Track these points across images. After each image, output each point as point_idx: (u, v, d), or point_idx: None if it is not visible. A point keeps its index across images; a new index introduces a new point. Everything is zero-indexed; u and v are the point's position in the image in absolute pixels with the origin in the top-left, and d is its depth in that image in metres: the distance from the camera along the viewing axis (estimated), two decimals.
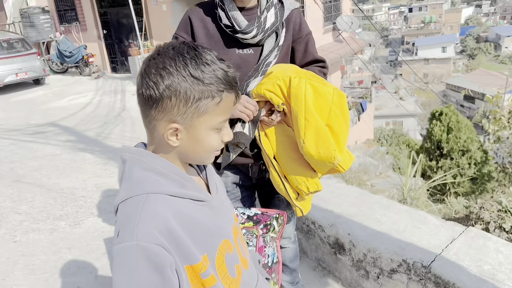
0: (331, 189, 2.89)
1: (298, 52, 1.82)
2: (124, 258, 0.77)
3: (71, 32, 13.68)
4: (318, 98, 1.59)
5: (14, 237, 2.81)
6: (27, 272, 2.42)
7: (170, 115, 0.83)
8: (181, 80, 0.81)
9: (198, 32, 1.70)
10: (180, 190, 0.86)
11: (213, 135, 0.88)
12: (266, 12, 1.69)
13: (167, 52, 0.83)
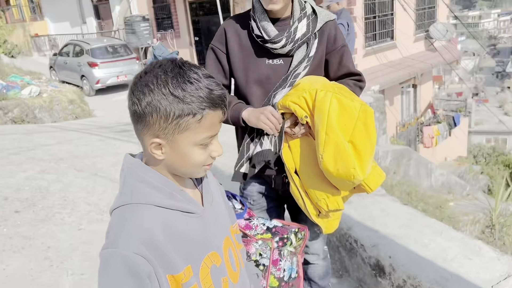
0: (382, 207, 2.74)
1: (333, 65, 1.77)
2: (106, 264, 0.83)
3: (166, 38, 14.68)
4: (343, 113, 1.53)
5: (80, 225, 3.10)
6: (84, 259, 2.65)
7: (153, 130, 0.86)
8: (161, 98, 0.83)
9: (231, 43, 1.73)
10: (169, 201, 0.90)
11: (197, 150, 0.90)
12: (298, 22, 1.67)
13: (152, 70, 0.86)
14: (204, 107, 0.85)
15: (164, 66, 0.86)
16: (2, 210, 3.22)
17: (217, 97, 0.87)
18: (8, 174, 3.99)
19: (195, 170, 0.93)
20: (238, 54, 1.73)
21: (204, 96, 0.85)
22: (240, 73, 1.74)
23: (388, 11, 11.55)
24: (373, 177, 1.72)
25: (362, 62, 10.87)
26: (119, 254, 0.82)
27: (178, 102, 0.83)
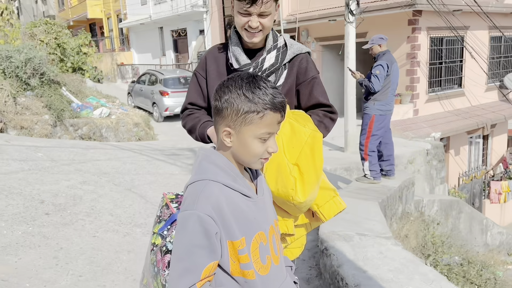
0: (380, 250, 2.64)
1: (303, 95, 1.83)
2: (184, 222, 1.08)
3: None
4: (293, 137, 1.57)
5: (96, 233, 3.33)
6: (87, 263, 2.84)
7: (226, 121, 1.12)
8: (235, 97, 1.09)
9: (210, 69, 1.86)
10: (232, 183, 1.13)
11: (257, 143, 1.12)
12: (267, 54, 1.76)
13: (233, 77, 1.14)
14: (266, 108, 1.09)
15: (242, 75, 1.14)
16: (35, 211, 3.57)
17: (278, 103, 1.11)
18: (53, 182, 4.40)
19: (253, 160, 1.15)
20: (215, 79, 1.84)
21: (268, 100, 1.09)
22: None
23: (457, 57, 11.14)
24: (329, 206, 1.72)
25: (425, 107, 10.51)
26: (195, 215, 1.06)
27: (247, 101, 1.08)
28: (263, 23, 1.68)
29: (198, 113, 1.91)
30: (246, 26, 1.68)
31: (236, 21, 1.72)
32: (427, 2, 8.92)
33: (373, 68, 4.86)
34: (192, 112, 1.92)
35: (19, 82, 8.00)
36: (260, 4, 1.62)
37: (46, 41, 11.19)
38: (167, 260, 1.87)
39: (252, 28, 1.68)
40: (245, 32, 1.71)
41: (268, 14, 1.67)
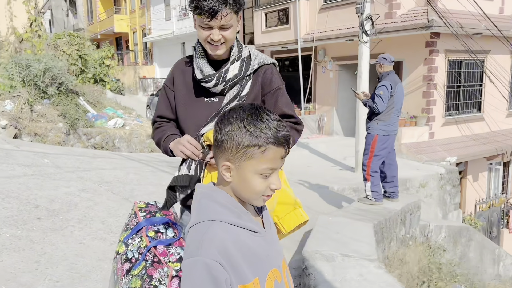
0: (361, 272, 2.55)
1: (268, 106, 1.81)
2: (189, 271, 1.00)
3: None
4: None
5: (83, 240, 3.34)
6: (67, 269, 2.84)
7: (226, 155, 1.06)
8: (236, 129, 1.04)
9: (177, 82, 1.87)
10: (238, 220, 1.06)
11: (258, 179, 1.05)
12: (230, 64, 1.76)
13: (235, 109, 1.09)
14: (268, 142, 1.02)
15: (244, 107, 1.08)
16: (28, 215, 3.61)
17: (282, 137, 1.05)
18: (52, 188, 4.47)
19: (254, 196, 1.08)
20: (181, 91, 1.85)
21: (271, 133, 1.03)
22: (181, 109, 1.85)
23: (477, 81, 10.91)
24: (290, 218, 1.70)
25: (441, 130, 10.29)
26: (201, 261, 0.98)
27: (248, 134, 1.03)
28: (225, 36, 1.69)
29: (165, 126, 1.91)
30: (208, 39, 1.69)
31: (199, 35, 1.72)
32: (445, 25, 8.83)
33: (377, 89, 4.82)
34: (161, 125, 1.93)
35: (37, 90, 8.24)
36: (220, 17, 1.63)
37: (68, 52, 11.55)
38: (125, 269, 1.85)
39: (214, 41, 1.69)
40: (208, 45, 1.71)
41: (229, 27, 1.68)
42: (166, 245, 1.80)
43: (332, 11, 11.71)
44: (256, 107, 1.07)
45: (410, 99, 10.41)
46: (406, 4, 10.15)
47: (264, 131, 1.02)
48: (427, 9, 9.30)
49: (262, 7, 13.59)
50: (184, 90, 1.85)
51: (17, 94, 7.68)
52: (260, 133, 1.02)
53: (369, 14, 7.99)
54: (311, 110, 12.83)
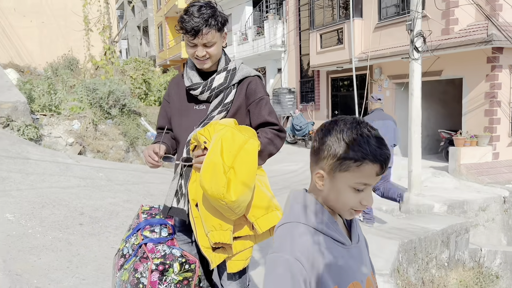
0: None
1: (253, 114, 1.94)
2: (271, 265, 1.04)
3: (307, 110, 15.51)
4: (231, 143, 1.69)
5: (115, 244, 3.60)
6: (94, 269, 3.10)
7: (321, 163, 1.07)
8: (334, 141, 1.04)
9: (171, 92, 2.09)
10: (324, 227, 1.08)
11: (350, 192, 1.06)
12: (217, 75, 1.92)
13: (336, 121, 1.09)
14: (365, 158, 1.02)
15: (346, 119, 1.08)
16: (72, 221, 3.97)
17: (379, 154, 1.03)
18: (100, 198, 4.86)
19: (343, 209, 1.09)
20: (175, 102, 2.06)
21: (369, 149, 1.02)
22: (175, 117, 2.04)
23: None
24: (266, 219, 1.79)
25: (507, 151, 9.59)
26: (283, 258, 1.02)
27: (346, 147, 1.03)
28: (209, 52, 1.88)
29: (159, 137, 2.10)
30: (194, 55, 1.88)
31: (187, 51, 1.94)
32: (506, 39, 8.35)
33: None
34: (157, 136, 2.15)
35: (102, 111, 9.00)
36: (201, 36, 1.82)
37: (134, 77, 12.47)
38: (120, 264, 2.03)
39: (200, 57, 1.87)
40: (195, 60, 1.92)
41: (212, 44, 1.87)
42: (156, 243, 1.96)
43: (387, 29, 11.54)
44: (358, 121, 1.06)
45: (471, 117, 9.86)
46: (464, 20, 9.74)
47: (362, 146, 1.02)
48: (487, 24, 8.86)
49: (317, 28, 13.73)
50: (177, 100, 2.05)
51: (83, 114, 8.44)
52: (358, 148, 1.02)
53: (420, 31, 7.79)
54: None
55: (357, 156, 1.01)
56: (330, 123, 1.08)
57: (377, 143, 1.03)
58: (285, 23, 16.53)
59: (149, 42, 34.34)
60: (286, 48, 16.64)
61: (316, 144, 1.08)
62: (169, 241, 2.03)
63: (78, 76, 13.45)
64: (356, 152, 1.01)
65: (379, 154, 1.02)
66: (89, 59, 15.00)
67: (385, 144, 1.04)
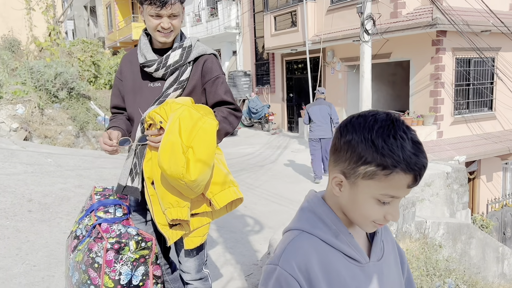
0: None
1: (209, 93, 1.94)
2: (266, 276, 0.92)
3: (263, 93, 15.57)
4: (190, 121, 1.68)
5: (67, 230, 3.51)
6: (46, 255, 3.02)
7: (342, 166, 0.89)
8: (360, 140, 0.86)
9: (124, 70, 2.03)
10: (333, 239, 0.92)
11: (373, 204, 0.88)
12: (172, 51, 1.89)
13: (366, 115, 0.89)
14: (396, 166, 0.83)
15: (377, 115, 0.88)
16: (20, 208, 3.81)
17: (415, 164, 0.84)
18: (50, 184, 4.68)
19: (363, 221, 0.92)
20: (128, 79, 2.01)
21: (402, 156, 0.83)
22: (128, 96, 2.00)
23: (487, 79, 10.72)
24: (224, 195, 1.81)
25: (450, 130, 10.14)
26: (277, 271, 0.89)
27: (374, 150, 0.84)
28: (174, 24, 1.85)
29: (114, 119, 2.04)
30: (158, 27, 1.83)
31: (148, 24, 1.87)
32: (449, 23, 8.74)
33: None
34: (114, 117, 2.08)
35: (48, 95, 8.58)
36: (170, 6, 1.78)
37: (82, 59, 11.94)
38: (74, 245, 1.99)
39: (165, 29, 1.84)
40: (158, 33, 1.86)
41: (177, 15, 1.84)
42: (111, 223, 1.93)
43: (338, 12, 11.73)
44: (392, 119, 0.87)
45: (418, 98, 10.31)
46: (411, 3, 10.09)
47: (395, 151, 0.83)
48: (432, 8, 9.23)
49: (271, 10, 13.71)
50: (130, 77, 1.99)
51: (28, 98, 8.01)
52: (389, 153, 0.83)
53: (370, 13, 8.00)
54: None
55: (386, 162, 0.83)
56: (357, 118, 0.89)
57: (413, 148, 0.84)
58: (239, 4, 16.37)
59: (97, 23, 32.87)
60: (240, 30, 16.52)
61: (338, 142, 0.90)
62: (124, 221, 2.01)
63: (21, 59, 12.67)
64: (386, 157, 0.83)
65: (414, 162, 0.83)
66: (32, 40, 14.17)
67: (422, 150, 0.86)
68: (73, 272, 1.85)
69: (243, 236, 4.04)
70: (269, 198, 6.03)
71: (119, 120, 2.03)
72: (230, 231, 4.10)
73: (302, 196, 4.05)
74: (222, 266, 3.16)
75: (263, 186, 6.81)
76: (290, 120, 14.78)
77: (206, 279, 2.05)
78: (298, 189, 6.94)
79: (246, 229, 4.34)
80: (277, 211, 5.28)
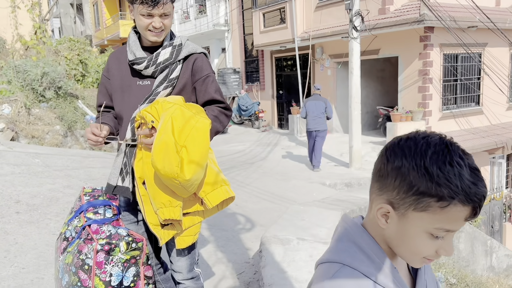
0: (311, 253, 2.62)
1: (199, 92, 1.93)
2: None
3: (252, 90, 15.56)
4: (182, 121, 1.66)
5: (56, 231, 3.47)
6: (35, 257, 2.98)
7: (389, 195, 0.80)
8: (411, 167, 0.76)
9: (111, 68, 2.00)
10: (377, 274, 0.83)
11: (425, 239, 0.79)
12: (162, 49, 1.87)
13: (415, 137, 0.80)
14: (454, 197, 0.74)
15: (429, 138, 0.79)
16: (7, 209, 3.75)
17: (474, 194, 0.74)
18: (38, 184, 4.62)
19: (412, 257, 0.83)
20: (116, 77, 1.98)
21: (461, 186, 0.74)
22: (116, 94, 1.97)
23: (474, 75, 10.83)
24: (216, 193, 1.81)
25: (438, 125, 10.24)
26: None
27: (428, 179, 0.75)
28: (165, 23, 1.84)
29: (104, 115, 2.01)
30: (150, 27, 1.82)
31: (139, 24, 1.85)
32: (436, 19, 8.81)
33: None
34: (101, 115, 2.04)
35: (35, 94, 8.46)
36: (161, 6, 1.78)
37: (69, 57, 11.79)
38: (63, 247, 1.96)
39: (156, 28, 1.83)
40: (149, 32, 1.85)
41: (168, 15, 1.84)
42: (100, 224, 1.91)
43: (327, 9, 11.75)
44: (446, 143, 0.77)
45: (406, 94, 10.39)
46: (399, 0, 10.15)
47: (452, 180, 0.74)
48: (420, 4, 9.29)
49: (260, 7, 13.69)
50: (118, 75, 1.97)
51: (14, 98, 7.90)
52: (445, 182, 0.74)
53: (358, 10, 8.02)
54: None
55: (443, 193, 0.74)
56: (406, 140, 0.79)
57: (472, 176, 0.74)
58: (227, 1, 16.31)
59: (84, 21, 32.50)
60: (229, 27, 16.46)
61: (384, 167, 0.80)
62: (114, 222, 1.99)
63: (6, 58, 12.48)
64: (443, 187, 0.74)
65: (473, 192, 0.74)
66: (17, 39, 13.95)
67: (481, 178, 0.76)
68: (63, 274, 1.83)
69: (235, 234, 4.03)
70: (260, 195, 6.03)
71: (107, 117, 2.00)
72: (221, 229, 4.09)
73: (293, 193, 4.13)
74: (214, 265, 3.15)
75: (254, 183, 6.81)
76: (280, 117, 14.79)
77: (198, 278, 2.05)
78: (289, 186, 6.95)
79: (238, 227, 4.34)
80: (268, 208, 5.29)
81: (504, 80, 10.74)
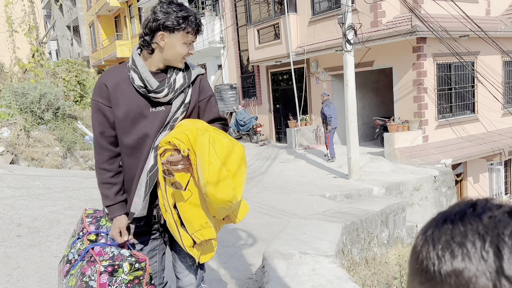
0: (314, 267, 2.63)
1: (204, 110, 1.98)
2: None
3: (250, 105, 15.66)
4: (221, 147, 1.72)
5: (59, 253, 3.47)
6: (37, 280, 2.98)
7: None
8: (481, 273, 0.47)
9: (114, 96, 1.86)
10: None
11: None
12: (175, 74, 1.88)
13: (478, 217, 0.50)
14: None
15: (497, 217, 0.50)
16: (8, 233, 3.76)
17: None
18: (38, 207, 4.63)
19: None
20: (122, 104, 1.86)
21: None
22: (125, 123, 1.87)
23: (468, 83, 10.95)
24: (241, 209, 1.89)
25: (435, 133, 10.31)
26: None
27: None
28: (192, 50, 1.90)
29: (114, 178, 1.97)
30: (185, 54, 1.83)
31: (177, 52, 1.81)
32: (428, 30, 8.94)
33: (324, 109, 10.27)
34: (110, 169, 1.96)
35: (34, 116, 8.52)
36: (200, 33, 1.85)
37: (67, 79, 11.89)
38: (66, 270, 1.98)
39: (188, 55, 1.86)
40: (182, 60, 1.85)
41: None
42: (103, 246, 1.93)
43: (320, 24, 11.92)
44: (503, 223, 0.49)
45: (402, 104, 10.48)
46: (390, 12, 10.31)
47: None
48: (411, 16, 9.44)
49: (254, 24, 13.87)
50: (124, 102, 1.86)
51: (13, 121, 7.95)
52: None
53: (351, 24, 8.15)
54: (308, 121, 12.94)
55: None
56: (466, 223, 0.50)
57: None
58: (222, 19, 16.52)
59: (81, 42, 32.80)
60: (225, 44, 16.64)
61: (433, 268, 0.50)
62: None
63: (4, 81, 12.59)
64: None
65: None
66: (15, 62, 14.09)
67: None
68: None
69: (237, 250, 4.04)
70: (261, 210, 6.04)
71: (116, 185, 1.99)
72: (223, 245, 4.10)
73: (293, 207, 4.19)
74: (218, 282, 3.16)
75: (254, 198, 6.82)
76: (278, 131, 14.86)
77: None
78: (289, 199, 6.96)
79: (239, 243, 4.35)
80: (270, 223, 5.30)
81: (498, 87, 10.85)
